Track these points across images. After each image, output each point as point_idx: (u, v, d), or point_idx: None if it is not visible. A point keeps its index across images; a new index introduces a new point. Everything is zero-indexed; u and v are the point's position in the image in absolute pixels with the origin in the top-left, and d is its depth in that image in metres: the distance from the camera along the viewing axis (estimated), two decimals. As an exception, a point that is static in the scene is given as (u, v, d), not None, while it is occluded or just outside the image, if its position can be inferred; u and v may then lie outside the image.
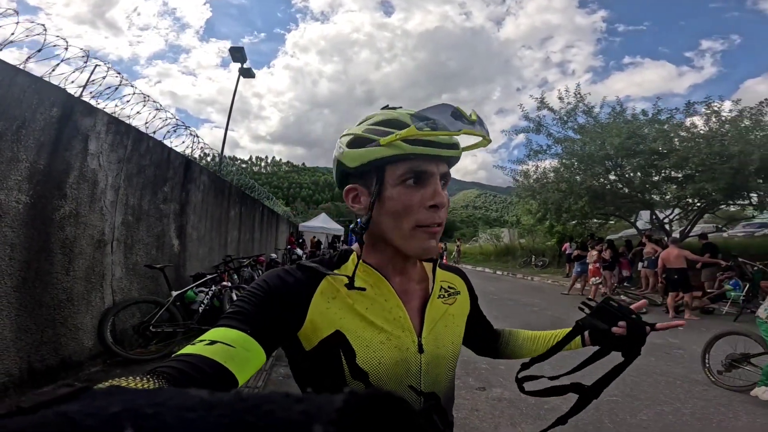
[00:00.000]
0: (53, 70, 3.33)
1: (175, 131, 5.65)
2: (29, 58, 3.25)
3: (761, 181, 8.48)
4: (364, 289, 0.73)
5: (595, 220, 13.43)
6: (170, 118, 5.35)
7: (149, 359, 3.89)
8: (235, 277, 6.43)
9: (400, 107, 0.73)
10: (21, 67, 2.94)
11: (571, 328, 0.93)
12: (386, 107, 0.74)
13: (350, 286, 0.71)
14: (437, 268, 0.85)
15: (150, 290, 4.48)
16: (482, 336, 1.01)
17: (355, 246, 0.79)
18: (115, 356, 3.73)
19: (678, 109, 10.28)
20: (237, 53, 10.19)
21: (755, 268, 8.76)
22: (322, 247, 24.81)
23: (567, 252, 13.94)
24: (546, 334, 1.01)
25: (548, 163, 12.36)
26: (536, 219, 13.18)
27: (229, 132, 10.88)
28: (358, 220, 0.77)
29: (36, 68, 3.65)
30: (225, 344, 0.56)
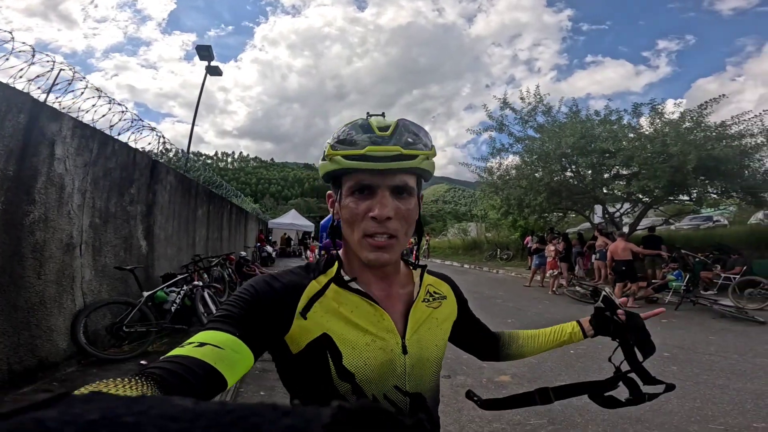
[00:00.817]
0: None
1: (139, 130, 5.62)
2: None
3: (700, 178, 9.24)
4: (350, 282, 0.76)
5: (555, 214, 14.12)
6: (135, 120, 5.34)
7: (123, 359, 3.99)
8: (206, 276, 6.49)
9: (380, 115, 0.75)
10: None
11: (566, 324, 1.03)
12: (368, 115, 0.75)
13: (340, 283, 0.75)
14: (425, 274, 0.88)
15: (120, 291, 4.53)
16: (481, 340, 1.03)
17: (341, 251, 0.82)
18: (90, 356, 3.81)
19: (626, 110, 11.04)
20: (204, 51, 10.10)
21: (696, 259, 9.59)
22: (292, 243, 24.72)
23: (528, 245, 14.63)
24: (546, 331, 1.04)
25: (510, 161, 12.91)
26: (500, 214, 13.77)
27: (193, 128, 10.74)
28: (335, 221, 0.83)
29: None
30: (214, 346, 0.57)
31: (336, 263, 0.79)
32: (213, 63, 10.63)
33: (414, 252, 0.86)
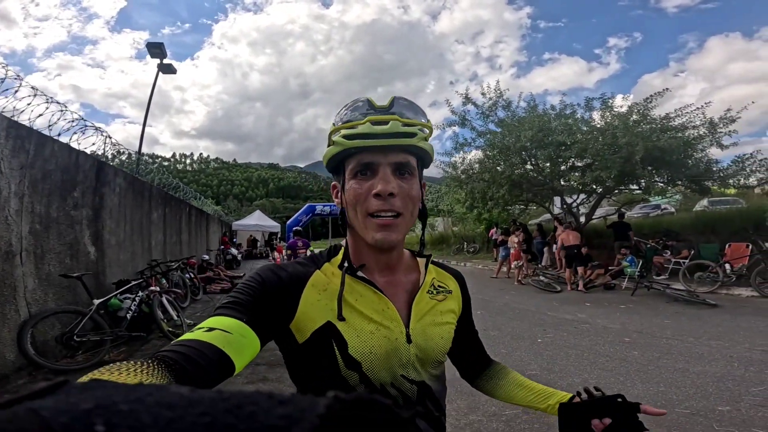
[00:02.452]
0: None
1: (82, 131, 5.30)
2: None
3: (648, 168, 9.72)
4: (357, 270, 0.76)
5: (517, 206, 14.52)
6: (78, 119, 5.03)
7: (77, 369, 3.83)
8: (164, 281, 6.23)
9: (367, 99, 0.76)
10: None
11: (566, 395, 0.85)
12: (356, 100, 0.77)
13: (349, 272, 0.75)
14: (431, 266, 0.87)
15: (68, 300, 4.28)
16: (469, 355, 0.97)
17: (344, 241, 0.81)
18: (40, 368, 3.64)
19: (579, 104, 11.46)
20: (155, 49, 9.64)
21: (648, 245, 10.14)
22: (258, 245, 24.16)
23: (493, 237, 15.01)
24: (535, 389, 0.90)
25: (473, 155, 13.15)
26: (465, 207, 14.02)
27: (146, 128, 10.25)
28: (299, 228, 0.84)
29: None
30: (223, 331, 0.59)
31: (341, 251, 0.80)
32: (166, 61, 10.17)
33: (420, 240, 0.85)
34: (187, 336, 0.57)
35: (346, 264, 0.76)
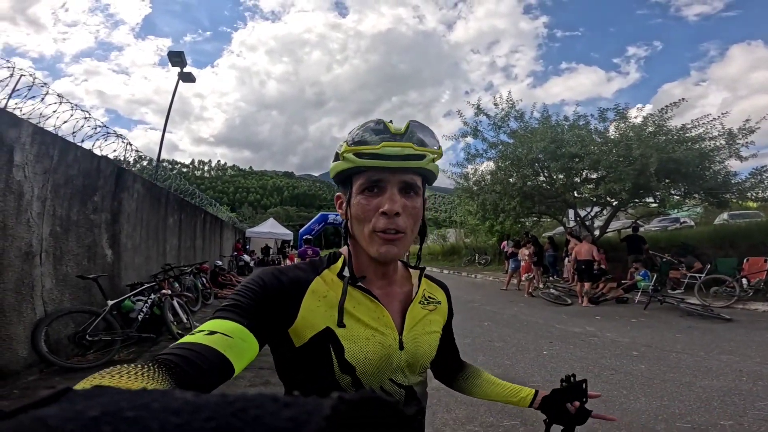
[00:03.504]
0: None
1: (105, 137, 5.53)
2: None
3: (663, 181, 9.56)
4: (357, 280, 0.79)
5: (530, 219, 14.39)
6: (100, 126, 5.26)
7: (87, 367, 3.94)
8: (176, 285, 6.39)
9: (390, 121, 0.78)
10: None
11: (525, 388, 1.03)
12: (371, 122, 0.79)
13: (353, 281, 0.78)
14: (423, 278, 0.92)
15: (83, 300, 4.44)
16: (446, 359, 1.04)
17: (343, 249, 0.84)
18: (51, 365, 3.76)
19: (593, 115, 11.36)
20: (176, 57, 10.00)
21: (663, 259, 9.96)
22: (271, 252, 24.44)
23: (505, 249, 14.89)
24: (506, 386, 1.05)
25: (485, 166, 13.12)
26: (476, 219, 13.95)
27: (167, 134, 10.60)
28: (309, 237, 0.90)
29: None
30: (223, 334, 0.60)
31: (341, 259, 0.82)
32: (186, 69, 10.51)
33: (417, 254, 0.89)
34: (187, 339, 0.58)
35: (347, 273, 0.79)
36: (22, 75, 3.96)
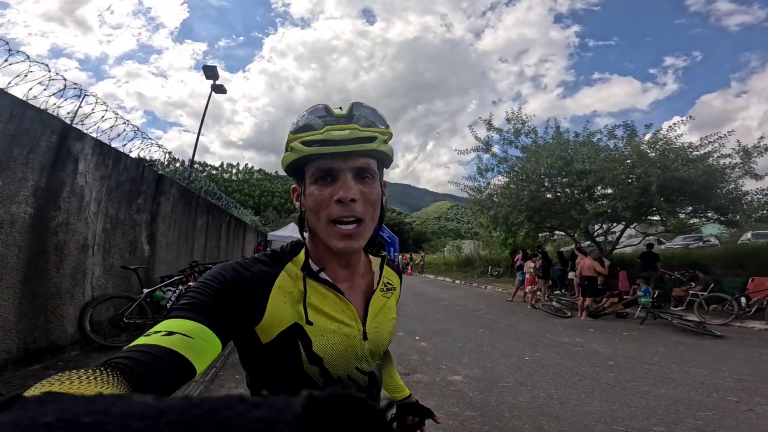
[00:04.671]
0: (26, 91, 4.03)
1: (146, 143, 6.28)
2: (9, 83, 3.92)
3: (669, 198, 9.57)
4: (320, 272, 0.78)
5: (544, 233, 14.52)
6: (145, 137, 6.07)
7: (120, 346, 4.56)
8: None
9: (340, 108, 0.76)
10: (24, 99, 3.68)
11: (406, 397, 1.17)
12: (315, 106, 0.77)
13: (310, 274, 0.77)
14: (385, 266, 0.92)
15: (123, 288, 5.18)
16: None
17: (307, 238, 0.83)
18: (92, 343, 4.39)
19: (601, 131, 11.47)
20: (210, 71, 10.90)
21: (672, 276, 10.07)
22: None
23: (518, 262, 15.10)
24: (397, 383, 1.17)
25: (498, 180, 13.37)
26: (487, 232, 14.20)
27: (199, 137, 11.44)
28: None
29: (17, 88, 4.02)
30: (183, 335, 0.57)
31: (303, 250, 0.80)
32: (219, 72, 11.21)
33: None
34: (142, 340, 0.55)
35: (303, 269, 0.78)
36: (86, 94, 4.72)
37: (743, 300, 8.10)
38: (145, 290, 5.05)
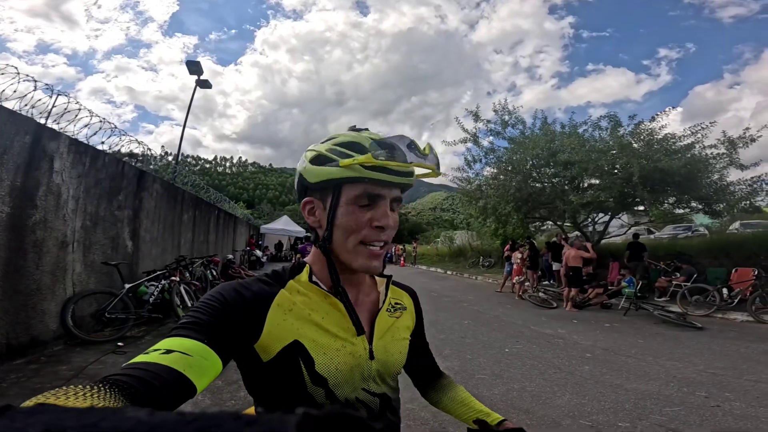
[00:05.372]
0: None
1: (128, 144, 6.33)
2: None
3: (649, 189, 9.50)
4: (317, 284, 0.78)
5: (534, 223, 14.61)
6: (131, 139, 6.08)
7: (103, 341, 4.66)
8: (187, 274, 7.18)
9: (366, 129, 0.78)
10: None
11: (491, 415, 0.92)
12: (353, 128, 0.79)
13: (317, 288, 0.77)
14: (391, 285, 0.92)
15: (106, 284, 5.24)
16: (421, 366, 1.03)
17: (308, 258, 0.83)
18: (75, 338, 4.48)
19: (586, 122, 11.50)
20: (193, 66, 10.83)
21: (658, 267, 10.19)
22: (283, 249, 25.40)
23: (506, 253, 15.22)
24: (476, 407, 0.95)
25: (487, 171, 13.39)
26: (478, 222, 14.26)
27: (191, 131, 11.58)
28: (308, 234, 1.02)
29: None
30: (182, 353, 0.57)
31: (306, 269, 0.80)
32: (211, 67, 11.37)
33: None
34: (141, 358, 0.55)
35: (318, 283, 0.78)
36: (59, 94, 4.72)
37: (725, 291, 8.15)
38: (127, 285, 5.11)
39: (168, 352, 0.57)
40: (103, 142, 5.47)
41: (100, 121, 5.43)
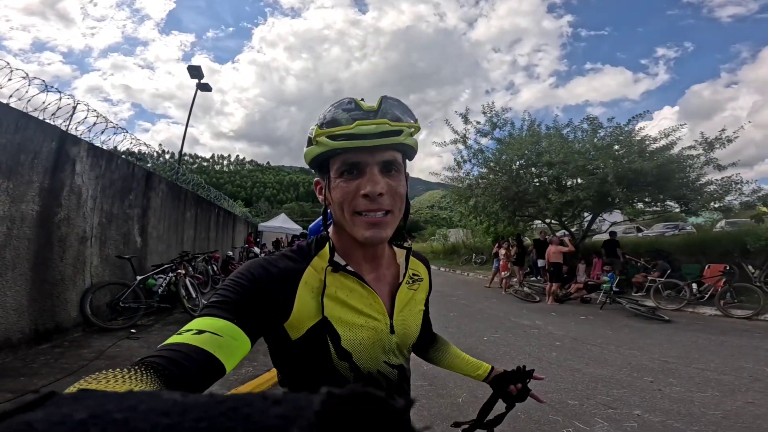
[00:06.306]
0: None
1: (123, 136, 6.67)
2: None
3: (625, 189, 9.85)
4: (346, 266, 0.78)
5: (523, 221, 15.02)
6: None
7: (117, 329, 5.11)
8: (190, 269, 7.67)
9: (362, 99, 0.75)
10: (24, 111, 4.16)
11: (484, 364, 1.13)
12: (343, 100, 0.75)
13: (336, 268, 0.77)
14: (411, 257, 0.91)
15: (119, 276, 5.73)
16: (423, 332, 1.02)
17: (331, 232, 0.82)
18: (92, 325, 4.94)
19: (568, 124, 11.89)
20: (194, 71, 11.25)
21: (638, 263, 10.64)
22: (281, 246, 25.88)
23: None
24: (468, 360, 1.13)
25: (475, 170, 13.70)
26: (469, 220, 14.58)
27: (188, 129, 11.78)
28: (304, 231, 1.19)
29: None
30: (213, 333, 0.58)
31: (327, 245, 0.80)
32: (209, 64, 11.72)
33: (401, 232, 0.88)
34: (174, 339, 0.57)
35: (338, 260, 0.78)
36: (78, 103, 5.18)
37: (695, 286, 8.55)
38: (138, 277, 5.60)
39: (200, 332, 0.58)
40: (104, 142, 5.77)
41: (105, 121, 5.80)
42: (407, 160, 0.80)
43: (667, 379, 4.00)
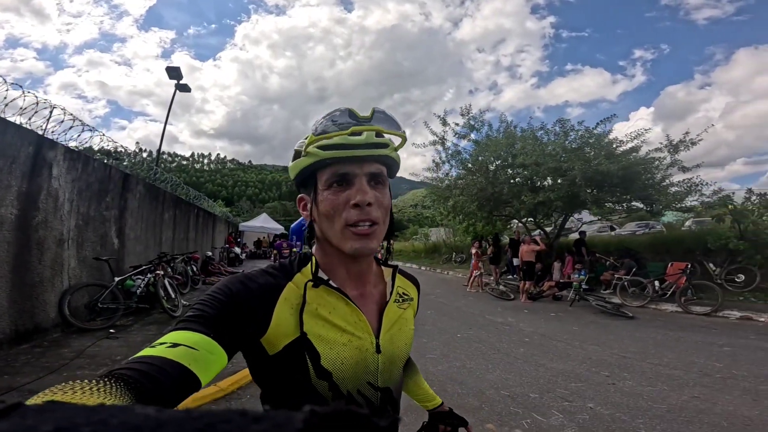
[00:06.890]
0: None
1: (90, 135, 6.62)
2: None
3: (593, 190, 10.31)
4: (329, 280, 0.76)
5: (501, 221, 15.39)
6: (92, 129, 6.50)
7: (96, 329, 5.17)
8: (169, 269, 7.72)
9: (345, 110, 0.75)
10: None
11: (438, 404, 1.14)
12: (335, 111, 0.76)
13: (317, 283, 0.75)
14: (397, 275, 0.91)
15: (97, 277, 5.78)
16: None
17: (314, 249, 0.82)
18: (71, 326, 4.99)
19: (542, 126, 12.25)
20: (173, 72, 11.24)
21: (607, 262, 11.11)
22: (262, 246, 25.82)
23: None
24: (427, 392, 1.14)
25: (454, 172, 13.98)
26: (448, 220, 14.85)
27: (167, 127, 11.71)
28: (284, 232, 1.35)
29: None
30: (188, 347, 0.57)
31: (311, 261, 0.79)
32: (189, 62, 11.84)
33: (387, 249, 0.88)
34: (147, 351, 0.55)
35: (310, 279, 0.76)
36: (54, 107, 5.21)
37: (657, 283, 8.99)
38: (116, 278, 5.66)
39: (174, 345, 0.56)
40: (78, 144, 5.76)
41: (81, 124, 5.80)
42: (390, 177, 0.81)
43: (621, 374, 4.20)
